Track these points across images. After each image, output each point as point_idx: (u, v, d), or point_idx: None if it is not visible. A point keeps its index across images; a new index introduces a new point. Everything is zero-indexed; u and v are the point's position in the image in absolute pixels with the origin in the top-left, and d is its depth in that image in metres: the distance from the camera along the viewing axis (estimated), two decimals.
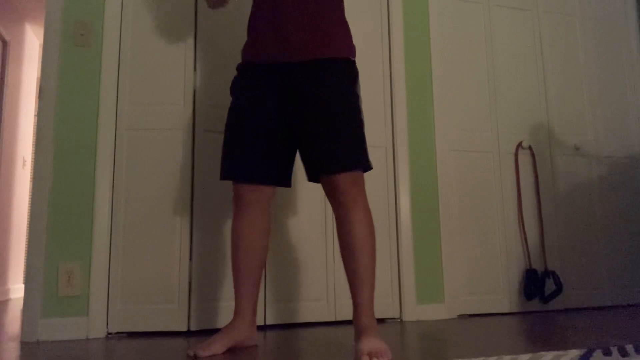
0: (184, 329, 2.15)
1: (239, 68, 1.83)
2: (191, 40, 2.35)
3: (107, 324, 2.10)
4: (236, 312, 1.74)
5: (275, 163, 1.75)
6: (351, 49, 1.76)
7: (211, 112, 2.31)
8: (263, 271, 1.79)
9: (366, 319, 1.59)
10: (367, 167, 1.68)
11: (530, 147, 2.90)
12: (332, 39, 1.71)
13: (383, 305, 2.46)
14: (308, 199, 2.44)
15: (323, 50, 1.69)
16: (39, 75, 4.15)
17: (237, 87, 1.80)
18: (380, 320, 2.44)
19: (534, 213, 2.85)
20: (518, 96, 2.96)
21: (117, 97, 2.24)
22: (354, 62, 1.76)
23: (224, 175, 1.76)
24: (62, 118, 2.17)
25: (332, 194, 1.66)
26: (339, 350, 1.69)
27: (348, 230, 1.63)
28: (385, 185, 2.59)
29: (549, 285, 2.74)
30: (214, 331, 2.05)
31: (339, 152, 1.62)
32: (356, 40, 2.66)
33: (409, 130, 2.68)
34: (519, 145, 2.88)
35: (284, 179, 1.79)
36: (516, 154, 2.87)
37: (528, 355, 1.44)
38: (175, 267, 2.17)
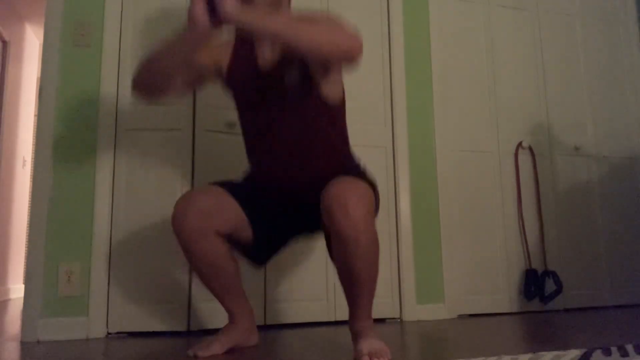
0: (184, 329, 2.15)
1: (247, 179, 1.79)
2: None
3: (107, 324, 2.10)
4: (231, 319, 1.73)
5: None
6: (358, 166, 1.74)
7: (211, 112, 2.31)
8: (239, 272, 1.72)
9: (364, 322, 1.56)
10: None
11: (530, 147, 2.90)
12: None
13: (383, 305, 2.46)
14: None
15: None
16: (39, 75, 4.15)
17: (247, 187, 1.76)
18: (381, 320, 2.44)
19: (534, 213, 2.85)
20: (518, 96, 2.96)
21: (117, 97, 2.24)
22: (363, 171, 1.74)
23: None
24: (62, 118, 2.17)
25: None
26: (339, 350, 1.69)
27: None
28: (385, 185, 2.59)
29: (549, 285, 2.74)
30: (214, 331, 2.05)
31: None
32: None
33: (409, 130, 2.68)
34: (519, 145, 2.88)
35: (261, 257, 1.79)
36: (516, 154, 2.87)
37: (528, 355, 1.44)
38: (176, 267, 2.17)
